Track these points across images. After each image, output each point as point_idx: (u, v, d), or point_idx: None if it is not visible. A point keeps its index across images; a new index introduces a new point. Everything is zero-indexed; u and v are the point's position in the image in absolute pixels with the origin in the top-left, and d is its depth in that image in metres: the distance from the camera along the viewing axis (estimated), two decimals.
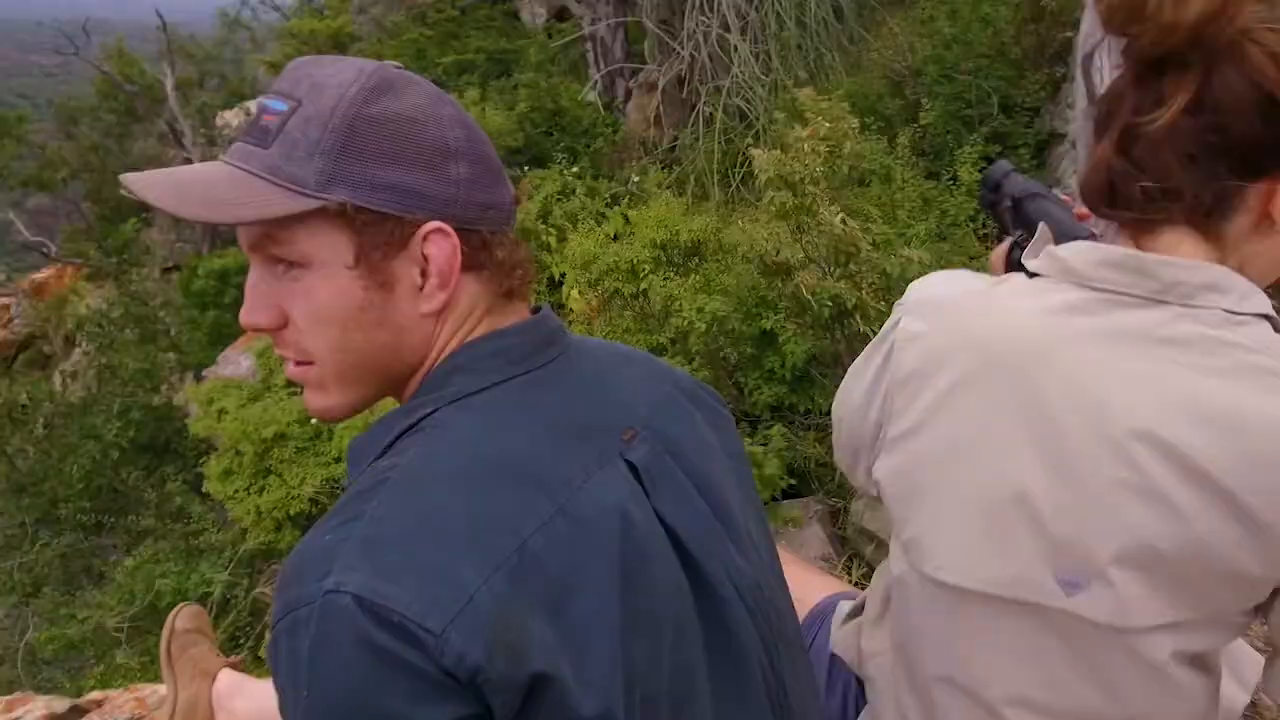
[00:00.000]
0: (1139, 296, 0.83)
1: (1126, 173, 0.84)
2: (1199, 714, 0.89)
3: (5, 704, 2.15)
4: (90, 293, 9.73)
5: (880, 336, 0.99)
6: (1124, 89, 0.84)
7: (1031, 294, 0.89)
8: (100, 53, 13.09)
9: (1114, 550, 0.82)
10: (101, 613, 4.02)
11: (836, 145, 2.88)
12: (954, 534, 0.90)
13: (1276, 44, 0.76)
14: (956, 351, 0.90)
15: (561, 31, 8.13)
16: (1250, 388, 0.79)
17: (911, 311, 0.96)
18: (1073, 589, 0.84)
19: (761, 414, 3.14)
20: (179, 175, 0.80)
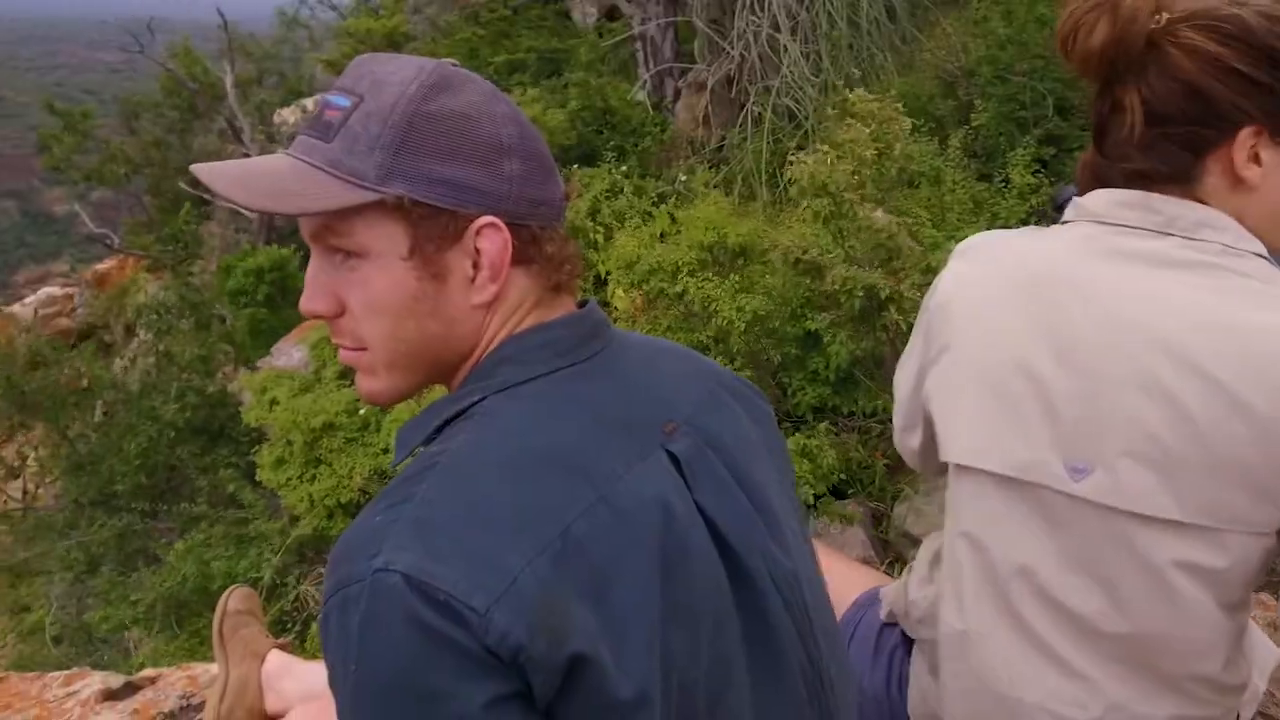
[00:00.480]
0: (1146, 229, 0.96)
1: (1105, 165, 1.00)
2: (1213, 645, 0.93)
3: (64, 678, 2.23)
4: (150, 283, 10.01)
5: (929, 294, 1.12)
6: (1094, 103, 1.02)
7: (1055, 233, 1.04)
8: (164, 51, 13.44)
9: (1122, 442, 0.91)
10: (154, 594, 4.15)
11: (887, 146, 2.86)
12: (972, 418, 1.01)
13: (1191, 41, 0.92)
14: (987, 278, 1.04)
15: (612, 31, 8.17)
16: (1247, 303, 0.89)
17: (953, 260, 1.10)
18: (1079, 475, 0.93)
19: (804, 415, 3.13)
20: (246, 167, 0.84)
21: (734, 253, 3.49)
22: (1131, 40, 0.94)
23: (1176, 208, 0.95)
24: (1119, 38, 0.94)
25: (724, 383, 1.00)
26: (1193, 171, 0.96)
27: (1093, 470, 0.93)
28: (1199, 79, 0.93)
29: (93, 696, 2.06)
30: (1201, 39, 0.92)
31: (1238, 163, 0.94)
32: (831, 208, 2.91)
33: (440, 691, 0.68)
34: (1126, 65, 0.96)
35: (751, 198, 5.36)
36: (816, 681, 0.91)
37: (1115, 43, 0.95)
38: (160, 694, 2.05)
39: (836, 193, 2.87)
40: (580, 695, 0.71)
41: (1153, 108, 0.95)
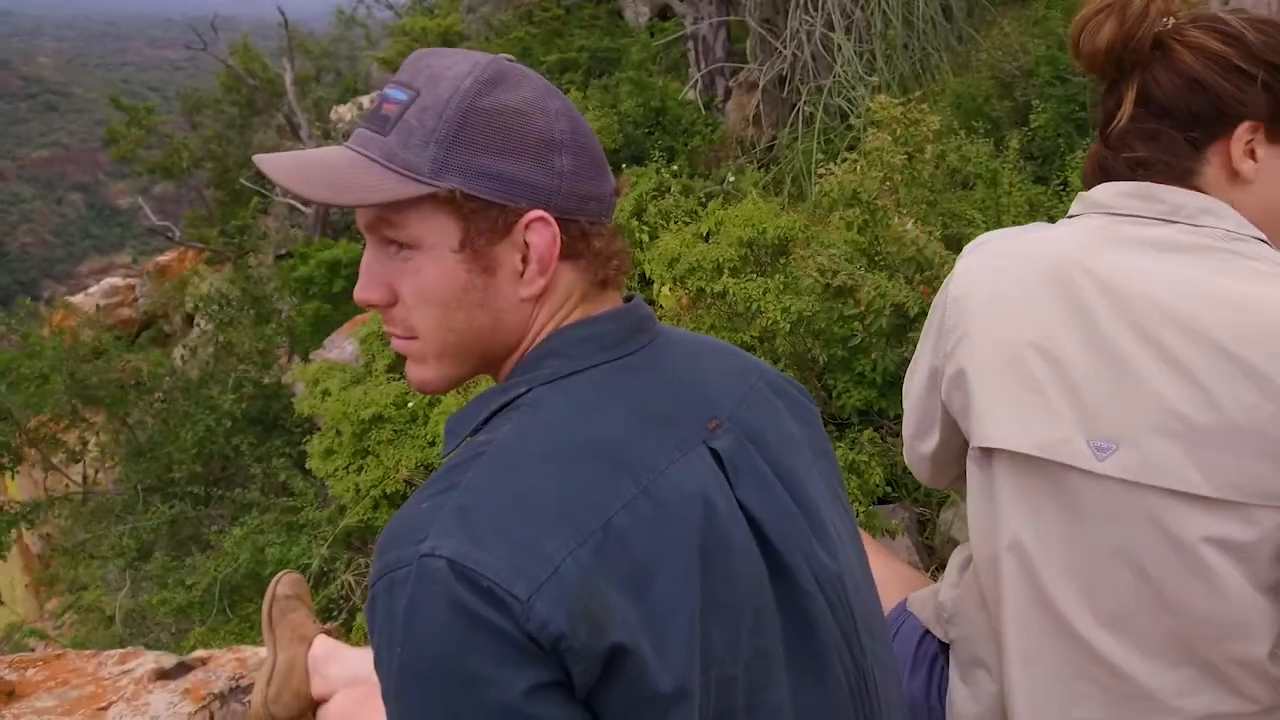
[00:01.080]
0: (1151, 218, 1.00)
1: (1110, 156, 1.06)
2: (1252, 624, 0.93)
3: (119, 657, 2.30)
4: (209, 276, 10.25)
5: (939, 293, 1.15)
6: (1101, 101, 1.08)
7: (1063, 225, 1.08)
8: (226, 48, 13.76)
9: (1145, 418, 0.93)
10: (209, 578, 4.26)
11: (917, 149, 2.82)
12: (996, 401, 1.03)
13: (1195, 39, 1.00)
14: (1001, 268, 1.07)
15: (664, 30, 8.17)
16: (1252, 281, 0.93)
17: (964, 256, 1.13)
18: (1104, 453, 0.95)
19: (849, 417, 3.10)
20: (305, 159, 0.86)
21: (774, 248, 3.47)
22: (1140, 37, 1.01)
23: (1179, 196, 1.00)
24: (1128, 35, 1.01)
25: (768, 380, 1.00)
26: (1193, 163, 1.02)
27: (1117, 447, 0.94)
28: (1202, 74, 0.99)
29: (146, 675, 2.12)
30: (1206, 37, 1.00)
31: (1235, 156, 1.00)
32: (865, 217, 2.89)
33: (482, 677, 0.69)
34: (1134, 61, 1.02)
35: (801, 198, 5.33)
36: (860, 684, 0.91)
37: (1123, 40, 1.01)
38: (211, 675, 2.10)
39: (869, 201, 2.84)
40: (619, 686, 0.72)
41: (1157, 100, 1.02)
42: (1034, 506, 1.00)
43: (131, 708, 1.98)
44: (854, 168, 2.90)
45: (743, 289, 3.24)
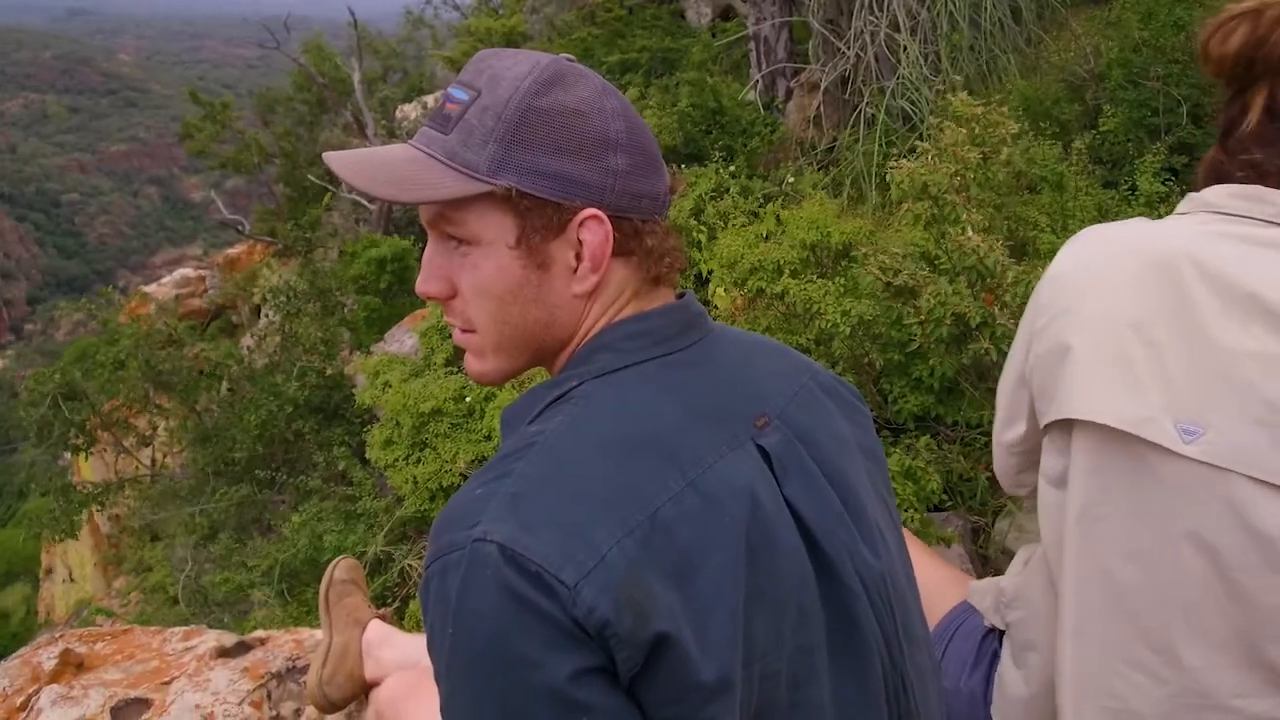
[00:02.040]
0: (1258, 219, 1.01)
1: (1225, 160, 1.07)
2: None
3: (183, 634, 2.38)
4: (277, 268, 10.51)
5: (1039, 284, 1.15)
6: (1224, 107, 1.09)
7: (1170, 220, 1.09)
8: (298, 47, 14.11)
9: (1236, 406, 0.93)
10: (269, 561, 4.39)
11: (993, 150, 2.77)
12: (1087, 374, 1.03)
13: None
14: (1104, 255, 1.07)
15: (725, 31, 8.16)
16: None
17: (1065, 247, 1.13)
18: (1191, 436, 0.95)
19: (905, 423, 3.06)
20: (371, 156, 0.89)
21: (837, 252, 3.44)
22: (1273, 44, 1.00)
23: None
24: (1259, 41, 1.01)
25: (819, 380, 1.01)
26: None
27: (1204, 431, 0.94)
28: None
29: (208, 653, 2.19)
30: None
31: None
32: (933, 211, 2.84)
33: (528, 659, 0.70)
34: (1264, 68, 1.02)
35: (861, 200, 5.28)
36: (898, 683, 0.91)
37: (1254, 46, 1.01)
38: (269, 654, 2.16)
39: (938, 195, 2.79)
40: (662, 675, 0.73)
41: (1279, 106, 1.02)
42: (1109, 483, 1.00)
43: (193, 683, 2.05)
44: (926, 160, 2.86)
45: (803, 290, 3.22)
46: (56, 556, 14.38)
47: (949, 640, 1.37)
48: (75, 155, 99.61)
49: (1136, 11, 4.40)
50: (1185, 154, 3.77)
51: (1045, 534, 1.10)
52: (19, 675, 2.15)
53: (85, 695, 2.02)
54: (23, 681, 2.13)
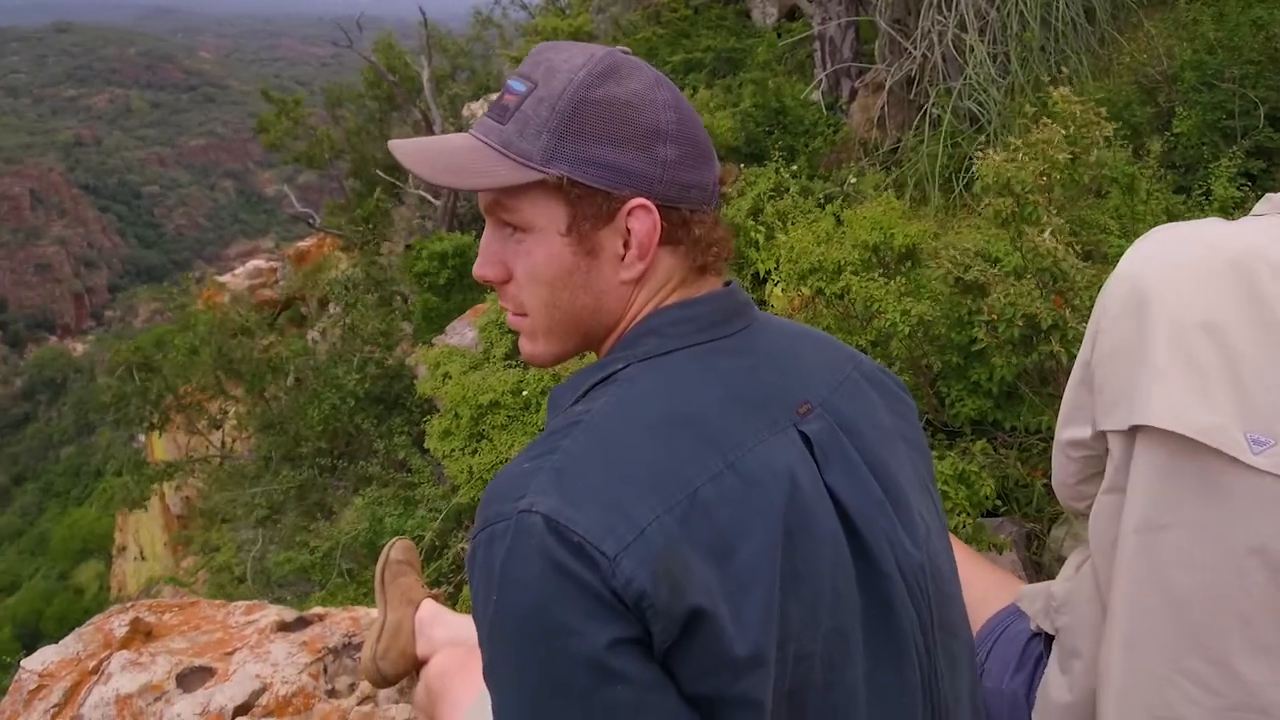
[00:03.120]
0: None
1: None
2: None
3: (246, 608, 2.47)
4: (342, 261, 10.78)
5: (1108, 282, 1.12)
6: None
7: (1245, 222, 1.05)
8: (370, 45, 14.41)
9: None
10: (330, 543, 4.51)
11: (1083, 151, 2.70)
12: (1155, 378, 0.99)
13: None
14: (1177, 254, 1.03)
15: (791, 31, 8.12)
16: None
17: (1136, 245, 1.10)
18: (1260, 446, 0.92)
19: (962, 427, 3.03)
20: (432, 145, 0.93)
21: (900, 254, 3.41)
22: None
23: None
24: None
25: (864, 371, 1.02)
26: None
27: (1275, 443, 0.91)
28: None
29: (269, 626, 2.27)
30: None
31: None
32: (1013, 208, 2.80)
33: (568, 627, 0.73)
34: None
35: (924, 202, 5.21)
36: (932, 676, 0.92)
37: None
38: (327, 630, 2.23)
39: (1021, 193, 2.75)
40: (696, 648, 0.75)
41: None
42: (1172, 491, 0.98)
43: (254, 654, 2.12)
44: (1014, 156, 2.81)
45: (864, 289, 3.18)
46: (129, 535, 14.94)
47: (994, 642, 1.36)
48: (156, 149, 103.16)
49: (1208, 11, 4.26)
50: (1264, 159, 3.65)
51: (1094, 540, 1.08)
52: (92, 641, 2.26)
53: (153, 662, 2.11)
54: (95, 647, 2.24)
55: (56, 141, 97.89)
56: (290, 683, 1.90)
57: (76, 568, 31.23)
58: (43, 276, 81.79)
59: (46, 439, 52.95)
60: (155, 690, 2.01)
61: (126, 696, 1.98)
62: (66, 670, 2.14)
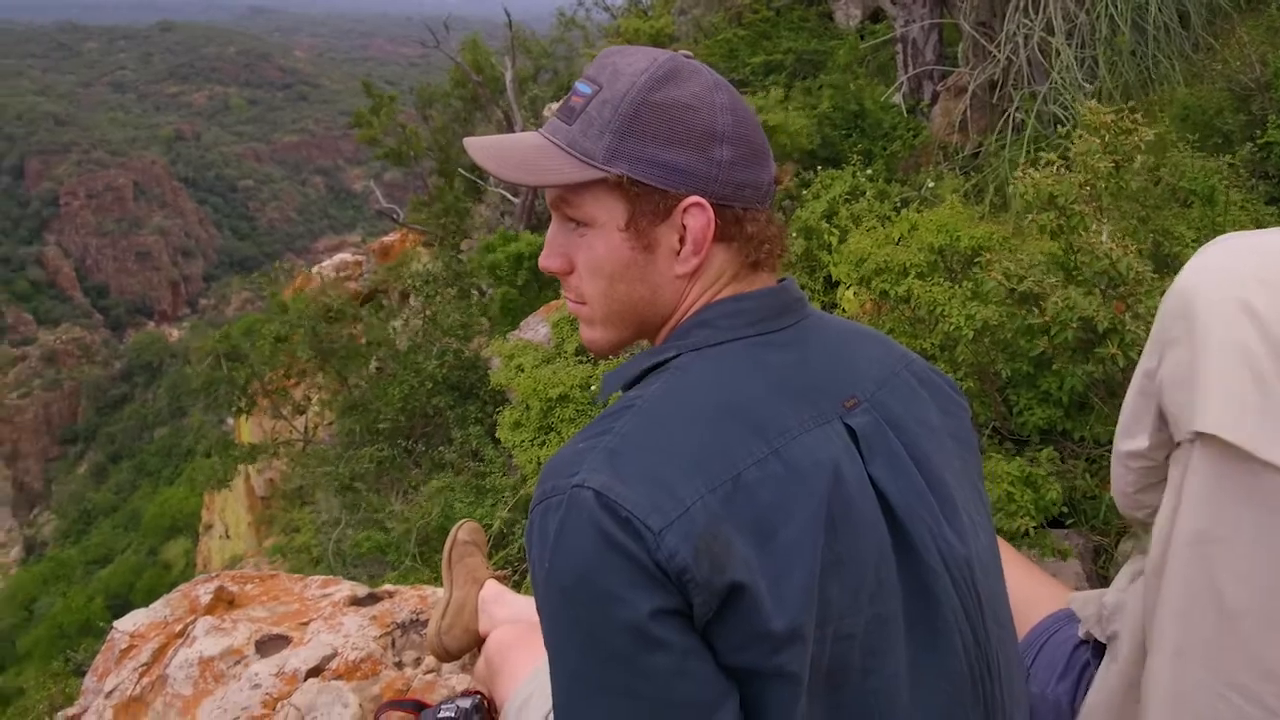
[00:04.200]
0: None
1: None
2: None
3: (321, 582, 2.59)
4: (424, 256, 11.06)
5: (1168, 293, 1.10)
6: None
7: None
8: (456, 46, 14.73)
9: None
10: (405, 525, 4.67)
11: (1125, 159, 2.65)
12: (1216, 388, 0.98)
13: None
14: (1239, 265, 1.02)
15: (874, 33, 8.04)
16: None
17: (1196, 256, 1.08)
18: None
19: (1030, 435, 2.98)
20: (504, 143, 0.99)
21: (967, 257, 3.37)
22: None
23: None
24: None
25: (914, 370, 1.04)
26: None
27: None
28: None
29: (342, 600, 2.38)
30: None
31: None
32: (1059, 222, 2.75)
33: (613, 595, 0.79)
34: None
35: (1004, 208, 5.12)
36: (984, 667, 0.94)
37: None
38: (396, 606, 2.33)
39: (1066, 205, 2.71)
40: (734, 621, 0.80)
41: None
42: (1227, 502, 0.97)
43: (328, 625, 2.23)
44: (1053, 170, 2.78)
45: (928, 293, 3.17)
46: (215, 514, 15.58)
47: (1040, 648, 1.36)
48: (251, 144, 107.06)
49: None
50: None
51: (1154, 546, 1.08)
52: (179, 606, 2.40)
53: (234, 628, 2.23)
54: (182, 612, 2.38)
55: (159, 136, 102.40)
56: (359, 649, 2.00)
57: (165, 544, 32.64)
58: (143, 264, 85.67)
59: (142, 420, 55.44)
60: (235, 654, 2.13)
61: (209, 659, 2.10)
62: (155, 632, 2.29)
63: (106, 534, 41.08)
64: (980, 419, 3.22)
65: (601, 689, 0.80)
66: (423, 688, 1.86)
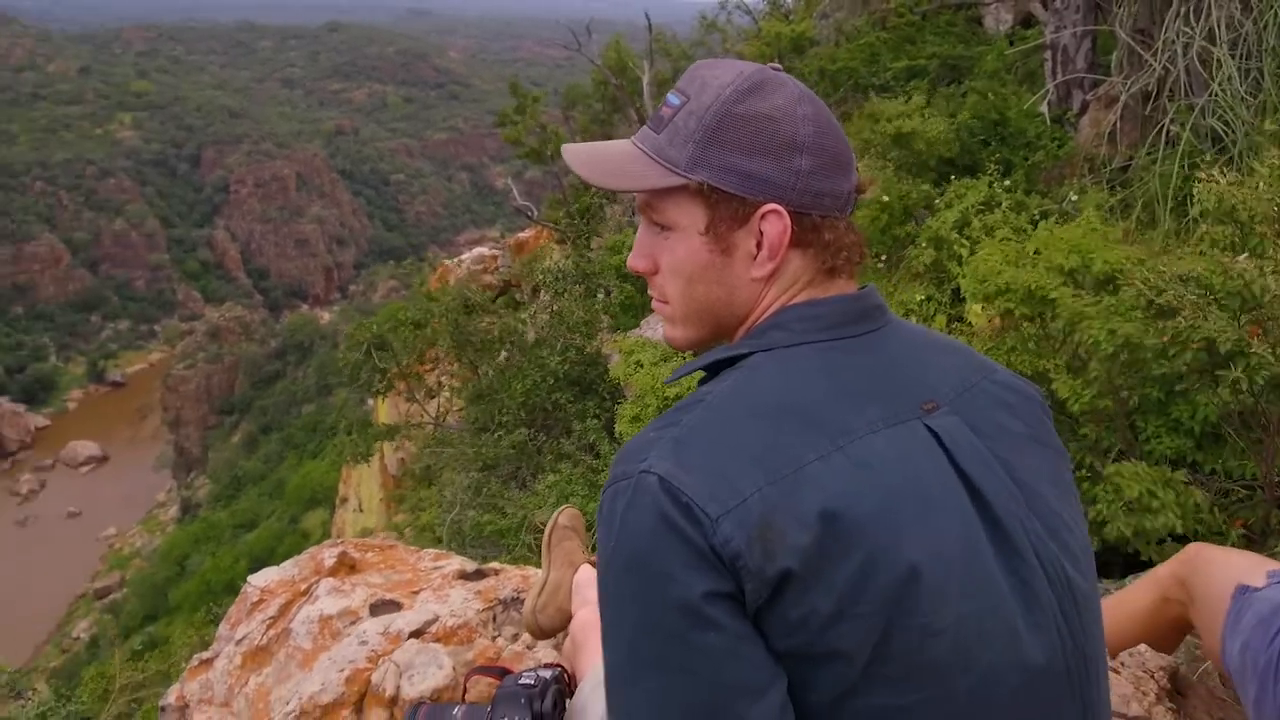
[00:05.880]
0: None
1: None
2: None
3: (434, 555, 2.74)
4: (555, 253, 11.35)
5: None
6: None
7: None
8: (599, 49, 15.04)
9: None
10: (523, 513, 4.85)
11: None
12: None
13: None
14: None
15: (1024, 39, 7.75)
16: None
17: None
18: None
19: (1157, 464, 2.84)
20: (597, 150, 1.06)
21: (1097, 281, 3.23)
22: None
23: None
24: None
25: (995, 379, 1.04)
26: None
27: None
28: None
29: (451, 573, 2.51)
30: None
31: None
32: (1234, 238, 2.61)
33: (669, 575, 0.84)
34: None
35: (1152, 225, 4.87)
36: (1080, 663, 0.93)
37: None
38: (500, 583, 2.45)
39: (1246, 222, 2.56)
40: (785, 606, 0.83)
41: None
42: None
43: (436, 596, 2.37)
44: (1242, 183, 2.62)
45: (1069, 304, 3.02)
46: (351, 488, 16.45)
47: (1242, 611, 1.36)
48: (404, 140, 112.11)
49: None
50: None
51: None
52: (306, 567, 2.60)
53: (352, 591, 2.40)
54: (308, 572, 2.57)
55: (321, 130, 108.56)
56: (458, 617, 2.12)
57: (305, 513, 34.59)
58: (300, 251, 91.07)
59: (292, 396, 58.92)
60: (351, 615, 2.29)
61: (328, 617, 2.26)
62: (283, 590, 2.48)
63: (253, 500, 43.77)
64: (1105, 444, 3.09)
65: (652, 664, 0.85)
66: (512, 657, 1.96)
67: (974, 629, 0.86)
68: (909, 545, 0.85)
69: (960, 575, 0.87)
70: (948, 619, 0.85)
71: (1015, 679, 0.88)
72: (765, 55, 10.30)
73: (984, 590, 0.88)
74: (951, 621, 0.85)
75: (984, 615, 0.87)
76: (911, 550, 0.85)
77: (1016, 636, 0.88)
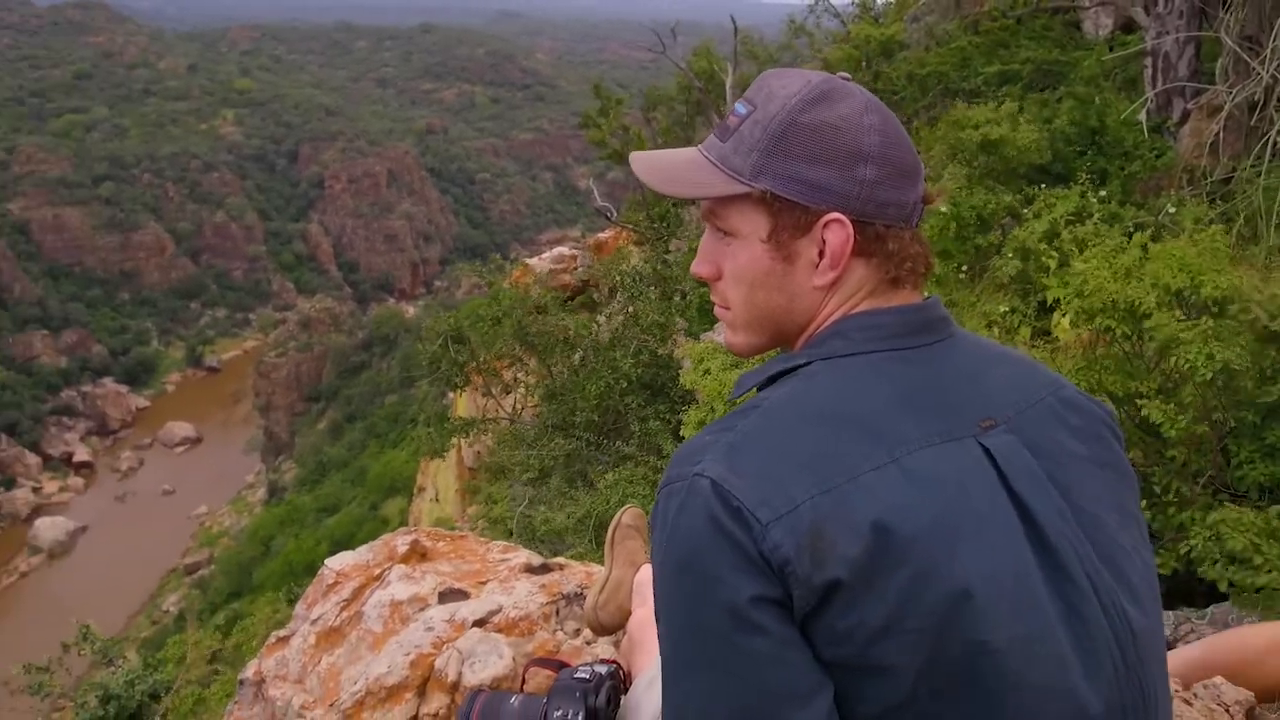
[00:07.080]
0: None
1: None
2: None
3: (502, 548, 2.79)
4: (633, 255, 11.41)
5: None
6: None
7: None
8: (685, 52, 15.06)
9: None
10: (585, 510, 4.90)
11: None
12: None
13: None
14: None
15: (1124, 44, 7.48)
16: None
17: None
18: None
19: (1248, 491, 2.73)
20: (663, 158, 1.08)
21: (1205, 305, 3.08)
22: None
23: None
24: None
25: (1062, 397, 1.02)
26: None
27: None
28: None
29: (518, 566, 2.56)
30: None
31: None
32: None
33: (718, 577, 0.85)
34: None
35: (1254, 241, 4.65)
36: (1136, 695, 0.91)
37: None
38: (564, 578, 2.48)
39: None
40: (832, 615, 0.83)
41: None
42: None
43: (502, 587, 2.42)
44: None
45: (1166, 327, 2.90)
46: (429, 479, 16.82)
47: None
48: (490, 140, 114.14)
49: None
50: None
51: None
52: (379, 553, 2.67)
53: (423, 578, 2.46)
54: (381, 558, 2.65)
55: (412, 129, 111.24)
56: (520, 609, 2.16)
57: (385, 501, 35.46)
58: (389, 246, 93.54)
59: (376, 386, 60.49)
60: (420, 602, 2.35)
61: (398, 602, 2.33)
62: (357, 573, 2.56)
63: (336, 486, 45.05)
64: (1194, 466, 2.97)
65: (700, 664, 0.86)
66: (570, 651, 1.99)
67: (1023, 652, 0.85)
68: (961, 564, 0.84)
69: (1011, 597, 0.86)
70: (1000, 641, 0.84)
71: (1063, 706, 0.86)
72: (853, 59, 10.16)
73: (1033, 613, 0.86)
74: (1003, 643, 0.84)
75: (1033, 639, 0.86)
76: (964, 569, 0.84)
77: (1065, 662, 0.87)
